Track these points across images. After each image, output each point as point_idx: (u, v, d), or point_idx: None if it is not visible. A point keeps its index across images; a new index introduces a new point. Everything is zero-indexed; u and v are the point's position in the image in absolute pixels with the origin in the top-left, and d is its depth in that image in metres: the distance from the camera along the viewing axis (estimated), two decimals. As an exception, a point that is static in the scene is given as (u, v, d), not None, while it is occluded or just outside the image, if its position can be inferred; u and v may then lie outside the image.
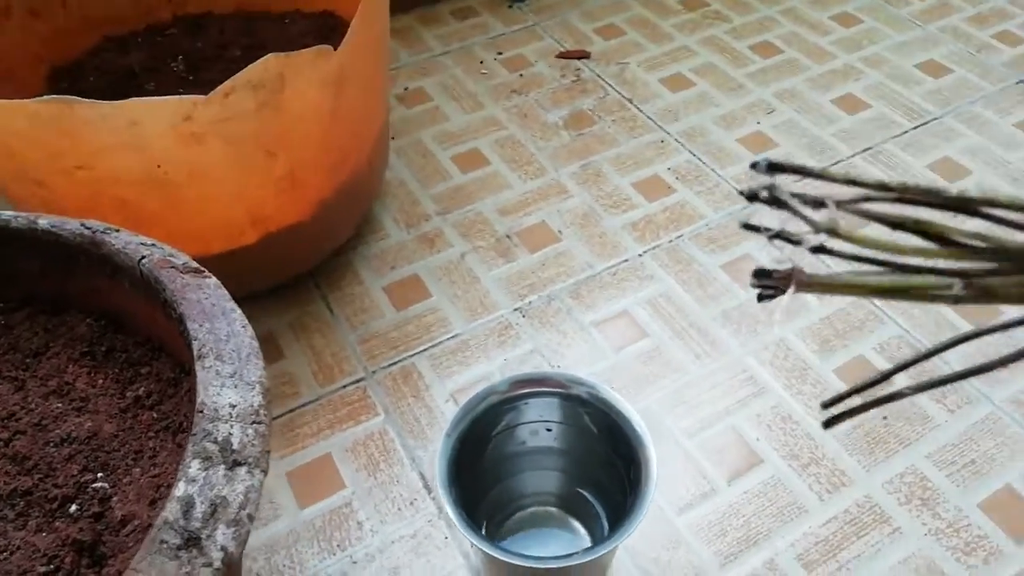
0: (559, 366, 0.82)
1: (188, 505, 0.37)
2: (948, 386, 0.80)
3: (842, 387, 0.80)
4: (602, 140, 1.08)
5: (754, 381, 0.81)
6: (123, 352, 0.52)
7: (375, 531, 0.70)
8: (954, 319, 0.86)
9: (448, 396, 0.80)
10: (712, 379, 0.81)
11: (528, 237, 0.95)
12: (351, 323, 0.87)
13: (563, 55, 1.22)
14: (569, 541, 0.68)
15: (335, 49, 0.67)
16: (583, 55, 1.21)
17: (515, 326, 0.86)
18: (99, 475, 0.47)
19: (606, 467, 0.63)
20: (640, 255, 0.93)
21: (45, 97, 0.54)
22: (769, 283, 0.21)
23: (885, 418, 0.78)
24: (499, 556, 0.52)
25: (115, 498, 0.46)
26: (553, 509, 0.70)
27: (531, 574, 0.57)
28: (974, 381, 0.79)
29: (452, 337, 0.85)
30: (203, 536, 0.37)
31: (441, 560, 0.68)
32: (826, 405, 0.22)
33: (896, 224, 0.22)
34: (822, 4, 1.31)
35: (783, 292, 0.21)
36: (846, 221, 0.21)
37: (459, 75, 1.19)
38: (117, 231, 0.49)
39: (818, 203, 0.22)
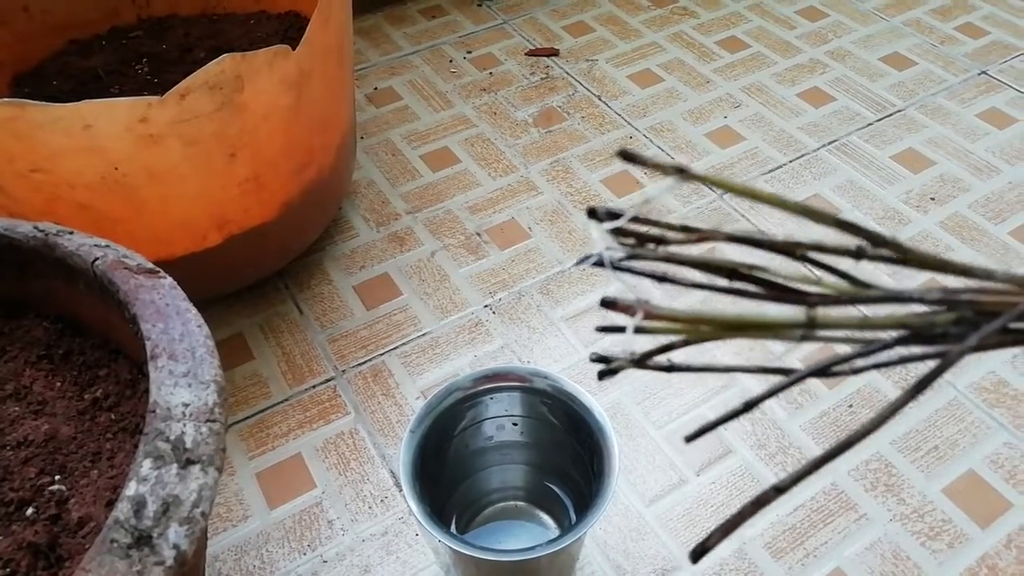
0: (529, 362, 0.83)
1: (139, 504, 0.37)
2: (911, 372, 0.81)
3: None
4: (571, 137, 1.08)
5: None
6: (81, 355, 0.52)
7: (345, 530, 0.70)
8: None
9: (419, 394, 0.80)
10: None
11: (498, 234, 0.96)
12: (321, 323, 0.87)
13: (532, 53, 1.22)
14: (538, 534, 0.68)
15: (294, 49, 0.67)
16: (552, 53, 1.22)
17: (485, 323, 0.86)
18: (56, 477, 0.46)
19: (572, 459, 0.63)
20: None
21: (-4, 100, 0.54)
22: (615, 311, 0.21)
23: (851, 406, 0.78)
24: (462, 551, 0.52)
25: (72, 500, 0.45)
26: (522, 503, 0.70)
27: (496, 568, 0.58)
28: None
29: (422, 335, 0.85)
30: (155, 535, 0.37)
31: (411, 557, 0.68)
32: (689, 438, 0.23)
33: (730, 272, 0.22)
34: (789, -1, 1.33)
35: (630, 321, 0.22)
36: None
37: (428, 74, 1.19)
38: (71, 233, 0.49)
39: (661, 255, 0.22)
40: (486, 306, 0.88)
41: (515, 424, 0.65)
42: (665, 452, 0.75)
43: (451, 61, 1.21)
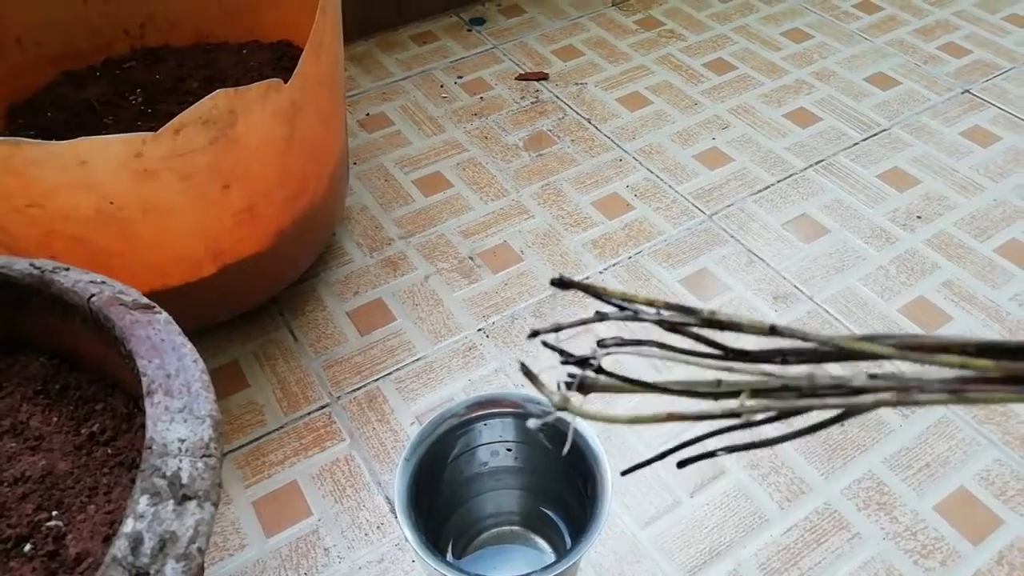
0: (523, 385, 0.83)
1: (137, 541, 0.38)
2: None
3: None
4: (562, 160, 1.09)
5: (714, 393, 0.82)
6: (77, 390, 0.53)
7: (342, 557, 0.71)
8: (900, 320, 0.88)
9: (413, 419, 0.81)
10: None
11: (490, 258, 0.97)
12: (315, 349, 0.87)
13: (522, 77, 1.24)
14: (534, 558, 0.69)
15: (286, 82, 0.68)
16: (542, 77, 1.23)
17: (479, 346, 0.87)
18: (54, 513, 0.47)
19: (567, 484, 0.64)
20: (601, 272, 0.95)
21: (-7, 139, 0.55)
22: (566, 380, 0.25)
23: (842, 425, 0.79)
24: (458, 578, 0.53)
25: (69, 536, 0.46)
26: (518, 528, 0.70)
27: (492, 594, 0.58)
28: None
29: (416, 360, 0.86)
30: (152, 571, 0.37)
31: (408, 584, 0.69)
32: (624, 472, 0.25)
33: (666, 348, 0.25)
34: (774, 21, 1.35)
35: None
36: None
37: (420, 99, 1.21)
38: (67, 270, 0.50)
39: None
40: (479, 330, 0.89)
41: (509, 450, 0.65)
42: (659, 474, 0.75)
43: (442, 86, 1.23)
